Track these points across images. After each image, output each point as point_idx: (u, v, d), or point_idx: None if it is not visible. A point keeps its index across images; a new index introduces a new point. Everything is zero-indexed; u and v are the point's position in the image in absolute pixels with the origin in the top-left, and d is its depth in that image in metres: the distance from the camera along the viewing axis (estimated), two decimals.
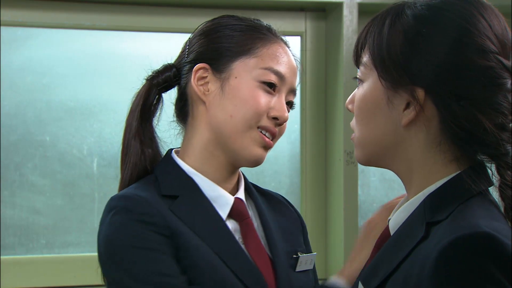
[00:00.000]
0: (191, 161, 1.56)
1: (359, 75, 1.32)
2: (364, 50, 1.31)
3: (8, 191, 2.78)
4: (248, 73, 1.53)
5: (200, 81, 1.55)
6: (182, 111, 1.60)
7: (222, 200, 1.54)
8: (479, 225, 1.13)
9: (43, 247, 2.81)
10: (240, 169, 1.61)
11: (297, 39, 3.00)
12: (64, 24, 2.80)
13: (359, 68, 1.33)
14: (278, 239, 1.59)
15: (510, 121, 1.23)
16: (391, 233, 1.30)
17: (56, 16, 2.79)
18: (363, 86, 1.31)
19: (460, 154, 1.25)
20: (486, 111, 1.21)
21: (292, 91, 1.57)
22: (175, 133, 1.63)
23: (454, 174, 1.24)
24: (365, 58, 1.30)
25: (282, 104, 1.54)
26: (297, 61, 1.60)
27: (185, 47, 1.61)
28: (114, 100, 2.87)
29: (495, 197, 1.23)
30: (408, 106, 1.25)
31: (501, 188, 1.20)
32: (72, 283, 2.79)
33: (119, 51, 2.89)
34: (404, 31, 1.26)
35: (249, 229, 1.55)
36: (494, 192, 1.24)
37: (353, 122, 1.34)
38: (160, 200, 1.48)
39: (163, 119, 1.62)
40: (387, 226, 1.33)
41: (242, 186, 1.60)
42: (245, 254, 1.51)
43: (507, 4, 2.83)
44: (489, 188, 1.25)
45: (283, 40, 1.60)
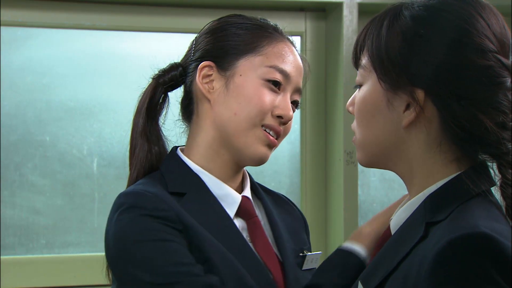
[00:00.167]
0: (196, 159, 1.55)
1: (358, 78, 1.32)
2: (363, 52, 1.31)
3: (8, 191, 2.78)
4: (253, 71, 1.52)
5: (205, 79, 1.54)
6: (187, 110, 1.59)
7: (229, 198, 1.53)
8: (478, 225, 1.13)
9: (43, 247, 2.81)
10: (244, 168, 1.60)
11: (297, 39, 2.99)
12: (64, 24, 2.80)
13: (358, 71, 1.33)
14: (285, 238, 1.58)
15: (511, 120, 1.23)
16: (392, 233, 1.30)
17: (56, 16, 2.79)
18: (363, 88, 1.31)
19: (461, 154, 1.25)
20: (486, 110, 1.21)
21: (298, 91, 1.56)
22: (180, 131, 1.62)
23: (454, 175, 1.24)
24: (364, 60, 1.30)
25: (287, 103, 1.53)
26: (304, 61, 1.60)
27: (192, 46, 1.60)
28: (114, 100, 2.87)
29: (498, 197, 1.23)
30: (408, 107, 1.25)
31: (502, 187, 1.20)
32: (72, 283, 2.79)
33: (119, 51, 2.89)
34: (402, 33, 1.26)
35: (256, 227, 1.54)
36: (496, 193, 1.24)
37: (354, 124, 1.34)
38: (169, 195, 1.47)
39: (169, 118, 1.61)
40: (389, 226, 1.34)
41: (248, 184, 1.60)
42: (253, 252, 1.50)
43: (507, 4, 2.83)
44: (492, 189, 1.25)
45: (289, 40, 1.59)
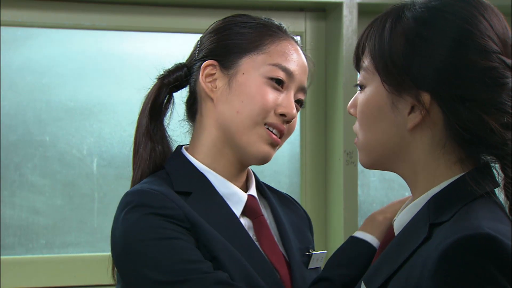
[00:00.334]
0: (200, 158, 1.55)
1: (360, 80, 1.32)
2: (365, 54, 1.30)
3: (8, 191, 2.78)
4: (256, 69, 1.51)
5: (208, 78, 1.54)
6: (192, 109, 1.59)
7: (235, 197, 1.53)
8: (481, 226, 1.13)
9: (43, 247, 2.81)
10: (249, 167, 1.60)
11: (297, 39, 2.98)
12: (64, 24, 2.80)
13: (359, 73, 1.32)
14: (291, 237, 1.58)
15: None
16: (396, 234, 1.30)
17: (56, 16, 2.78)
18: (366, 90, 1.30)
19: (464, 156, 1.25)
20: (491, 111, 1.21)
21: (302, 90, 1.56)
22: (185, 131, 1.62)
23: (458, 176, 1.24)
24: (366, 63, 1.30)
25: (290, 101, 1.52)
26: (310, 60, 1.59)
27: (196, 46, 1.60)
28: (114, 100, 2.86)
29: (501, 199, 1.23)
30: (412, 109, 1.25)
31: (506, 187, 1.20)
32: (72, 283, 2.79)
33: (119, 51, 2.89)
34: (405, 35, 1.25)
35: (262, 226, 1.54)
36: (500, 194, 1.24)
37: (356, 126, 1.33)
38: (175, 194, 1.47)
39: (175, 118, 1.61)
40: (392, 226, 1.33)
41: (254, 183, 1.59)
42: (260, 251, 1.50)
43: (507, 4, 2.83)
44: (495, 190, 1.25)
45: (293, 39, 1.58)
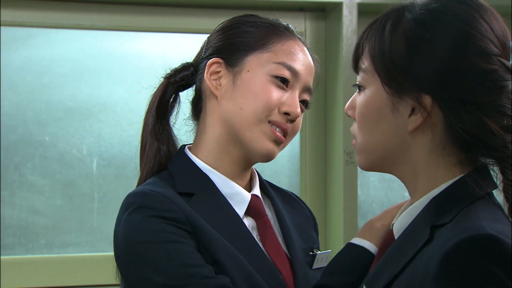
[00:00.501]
0: (203, 157, 1.54)
1: (359, 81, 1.31)
2: (364, 55, 1.30)
3: (7, 191, 2.78)
4: (261, 67, 1.51)
5: (214, 76, 1.54)
6: (197, 108, 1.59)
7: (239, 197, 1.52)
8: (483, 227, 1.13)
9: (42, 247, 2.81)
10: (253, 166, 1.59)
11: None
12: (64, 24, 2.80)
13: (358, 74, 1.32)
14: (294, 236, 1.58)
15: None
16: (396, 237, 1.30)
17: (56, 16, 2.78)
18: (365, 92, 1.29)
19: (464, 158, 1.25)
20: (491, 114, 1.21)
21: (307, 90, 1.55)
22: (190, 130, 1.61)
23: (458, 177, 1.24)
24: (366, 64, 1.29)
25: (294, 100, 1.52)
26: (316, 62, 1.58)
27: (203, 45, 1.60)
28: (113, 100, 2.86)
29: (499, 200, 1.23)
30: (413, 111, 1.24)
31: (505, 189, 1.20)
32: (72, 283, 2.79)
33: (119, 51, 2.89)
34: (406, 37, 1.24)
35: (266, 226, 1.54)
36: (498, 196, 1.24)
37: (354, 128, 1.33)
38: (177, 196, 1.47)
39: (181, 118, 1.60)
40: (391, 230, 1.33)
41: (257, 183, 1.59)
42: (263, 252, 1.50)
43: (507, 4, 2.83)
44: (493, 191, 1.25)
45: (300, 39, 1.58)
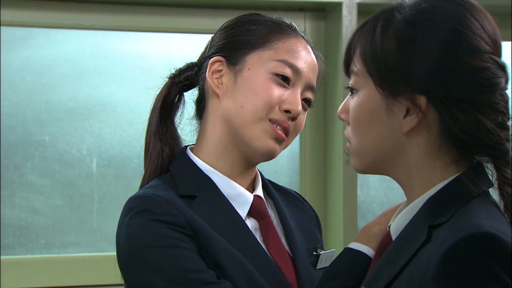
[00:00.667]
0: (205, 157, 1.53)
1: (352, 84, 1.30)
2: (355, 58, 1.29)
3: (7, 191, 2.78)
4: (262, 65, 1.50)
5: (215, 74, 1.53)
6: (200, 107, 1.59)
7: (241, 198, 1.52)
8: (482, 225, 1.13)
9: (42, 247, 2.81)
10: (256, 166, 1.58)
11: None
12: (64, 24, 2.80)
13: (350, 77, 1.31)
14: (297, 237, 1.57)
15: (508, 119, 1.23)
16: (393, 239, 1.30)
17: (56, 16, 2.78)
18: (358, 95, 1.28)
19: (459, 157, 1.24)
20: (486, 112, 1.21)
21: (310, 88, 1.54)
22: (193, 130, 1.61)
23: (453, 177, 1.24)
24: (358, 67, 1.28)
25: (296, 98, 1.50)
26: (321, 60, 1.58)
27: (207, 45, 1.60)
28: (113, 100, 2.86)
29: (495, 198, 1.23)
30: (408, 112, 1.24)
31: (500, 186, 1.20)
32: (72, 283, 2.79)
33: (119, 51, 2.89)
34: (397, 38, 1.24)
35: (269, 227, 1.53)
36: (494, 194, 1.24)
37: (348, 131, 1.32)
38: (179, 200, 1.46)
39: (185, 118, 1.60)
40: (389, 231, 1.33)
41: (260, 183, 1.58)
42: (266, 253, 1.49)
43: (507, 4, 2.83)
44: (489, 190, 1.25)
45: (304, 37, 1.57)
